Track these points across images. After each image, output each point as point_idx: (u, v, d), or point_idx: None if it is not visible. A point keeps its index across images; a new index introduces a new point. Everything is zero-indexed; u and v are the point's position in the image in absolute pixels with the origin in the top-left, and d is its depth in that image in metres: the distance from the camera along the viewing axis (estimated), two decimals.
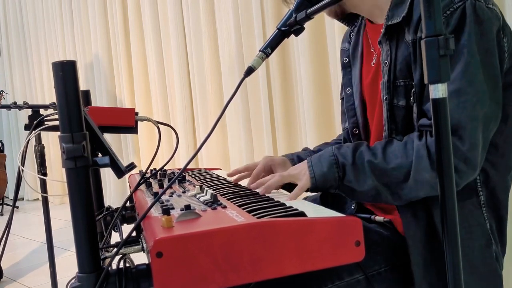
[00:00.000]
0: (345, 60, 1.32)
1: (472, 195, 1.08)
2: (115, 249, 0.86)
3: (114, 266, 0.82)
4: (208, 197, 0.97)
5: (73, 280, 0.79)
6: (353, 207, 1.26)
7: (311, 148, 1.42)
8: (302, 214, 0.84)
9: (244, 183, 1.24)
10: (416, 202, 1.06)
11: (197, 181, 1.30)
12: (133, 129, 1.38)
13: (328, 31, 2.52)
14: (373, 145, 1.09)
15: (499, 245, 1.11)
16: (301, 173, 1.10)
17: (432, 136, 1.00)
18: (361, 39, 1.28)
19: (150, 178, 1.30)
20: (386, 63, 1.11)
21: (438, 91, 0.68)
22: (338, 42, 2.35)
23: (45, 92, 5.53)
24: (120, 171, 0.99)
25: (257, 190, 1.11)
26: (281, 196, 1.08)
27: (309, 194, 1.26)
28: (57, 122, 0.81)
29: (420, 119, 1.06)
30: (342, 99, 1.33)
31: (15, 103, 2.15)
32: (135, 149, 4.28)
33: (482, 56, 1.00)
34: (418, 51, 1.05)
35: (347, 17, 1.32)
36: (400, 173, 1.02)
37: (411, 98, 1.07)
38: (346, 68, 1.31)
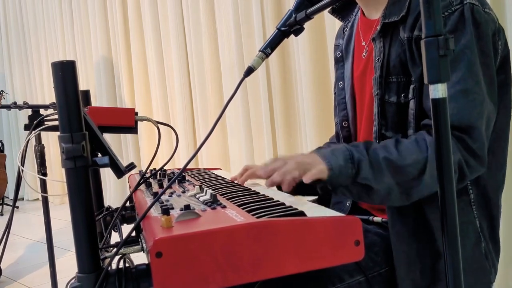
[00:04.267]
0: (338, 54, 1.33)
1: (462, 194, 1.09)
2: (115, 249, 0.86)
3: (114, 266, 0.82)
4: (207, 197, 0.96)
5: (73, 280, 0.79)
6: (348, 204, 1.25)
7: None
8: (301, 213, 0.84)
9: (246, 184, 1.23)
10: None
11: (197, 181, 1.30)
12: (133, 129, 1.38)
13: (328, 31, 2.53)
14: (380, 143, 1.05)
15: (490, 243, 1.12)
16: (315, 162, 0.99)
17: None
18: (354, 33, 1.29)
19: (150, 178, 1.29)
20: (378, 59, 1.12)
21: (438, 91, 0.68)
22: None
23: (45, 92, 5.54)
24: (119, 171, 0.99)
25: (271, 178, 1.02)
26: (279, 195, 1.07)
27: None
28: (57, 122, 0.81)
29: (419, 118, 1.06)
30: (335, 93, 1.34)
31: (15, 103, 2.15)
32: (135, 149, 4.28)
33: (480, 58, 1.02)
34: (414, 48, 1.05)
35: (342, 11, 1.33)
36: (415, 169, 0.99)
37: (409, 94, 1.08)
38: (339, 62, 1.32)
